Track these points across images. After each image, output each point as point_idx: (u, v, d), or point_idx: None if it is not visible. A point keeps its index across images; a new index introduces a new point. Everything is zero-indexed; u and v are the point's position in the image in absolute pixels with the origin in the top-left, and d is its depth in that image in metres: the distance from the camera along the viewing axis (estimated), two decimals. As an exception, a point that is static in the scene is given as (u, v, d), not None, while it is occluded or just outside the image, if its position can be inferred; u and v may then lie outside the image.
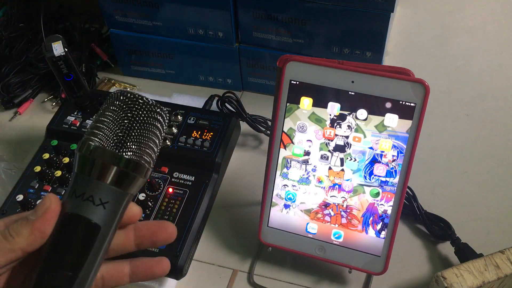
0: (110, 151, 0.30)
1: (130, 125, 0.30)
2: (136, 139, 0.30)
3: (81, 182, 0.30)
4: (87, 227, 0.29)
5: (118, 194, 0.30)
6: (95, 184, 0.30)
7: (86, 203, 0.29)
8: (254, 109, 0.75)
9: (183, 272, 0.59)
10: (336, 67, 0.52)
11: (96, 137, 0.30)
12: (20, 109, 0.83)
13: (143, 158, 0.31)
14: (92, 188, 0.30)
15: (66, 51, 0.64)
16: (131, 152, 0.30)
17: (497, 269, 0.54)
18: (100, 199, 0.30)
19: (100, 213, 0.30)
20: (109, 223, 0.30)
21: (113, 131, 0.30)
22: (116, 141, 0.30)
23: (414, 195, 0.65)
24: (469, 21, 0.94)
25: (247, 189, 0.70)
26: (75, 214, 0.29)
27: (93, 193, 0.30)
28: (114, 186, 0.30)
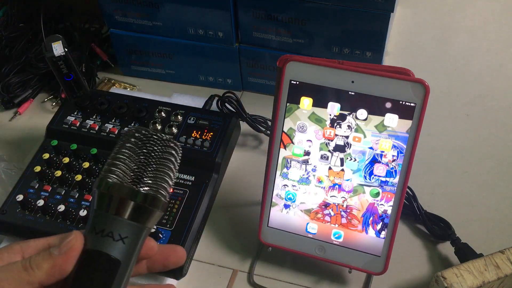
0: (127, 187, 0.31)
1: (146, 160, 0.31)
2: (152, 174, 0.31)
3: (100, 218, 0.31)
4: (107, 263, 0.30)
5: (136, 229, 0.31)
6: (114, 220, 0.31)
7: (106, 239, 0.30)
8: (254, 109, 0.75)
9: (183, 272, 0.59)
10: (336, 67, 0.52)
11: (113, 173, 0.31)
12: (20, 109, 0.83)
13: (159, 192, 0.32)
14: (111, 224, 0.30)
15: (66, 51, 0.64)
16: (147, 187, 0.31)
17: (497, 269, 0.54)
18: (119, 235, 0.30)
19: (120, 248, 0.30)
20: (129, 257, 0.31)
21: (130, 167, 0.31)
22: (133, 176, 0.31)
23: (414, 195, 0.65)
24: (469, 21, 0.94)
25: (247, 189, 0.70)
26: (96, 250, 0.30)
27: (113, 229, 0.30)
28: (132, 221, 0.31)
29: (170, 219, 0.60)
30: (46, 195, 0.63)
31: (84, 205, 0.62)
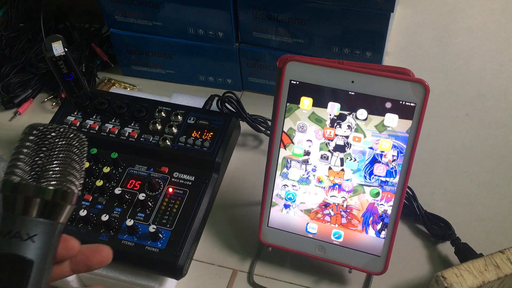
0: (30, 185, 0.30)
1: (46, 155, 0.30)
2: (56, 168, 0.30)
3: (6, 220, 0.30)
4: (19, 263, 0.29)
5: (45, 226, 0.30)
6: (20, 219, 0.30)
7: (14, 240, 0.29)
8: (254, 109, 0.75)
9: (183, 272, 0.59)
10: (336, 67, 0.52)
11: (15, 174, 0.30)
12: (20, 109, 0.83)
13: (65, 186, 0.31)
14: (18, 224, 0.29)
15: (66, 51, 0.64)
16: (53, 182, 0.30)
17: (497, 269, 0.54)
18: (27, 234, 0.29)
19: (30, 247, 0.29)
20: (43, 256, 0.30)
21: (31, 165, 0.30)
22: (35, 174, 0.30)
23: (414, 195, 0.65)
24: (469, 21, 0.94)
25: (247, 189, 0.70)
26: (5, 253, 0.29)
27: (20, 229, 0.29)
28: (40, 218, 0.30)
29: (170, 219, 0.60)
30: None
31: (84, 205, 0.62)
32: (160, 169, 0.65)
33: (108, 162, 0.65)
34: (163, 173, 0.65)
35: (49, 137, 0.31)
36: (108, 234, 0.59)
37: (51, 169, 0.30)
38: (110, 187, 0.63)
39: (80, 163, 0.32)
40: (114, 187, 0.63)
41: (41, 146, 0.31)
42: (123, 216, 0.61)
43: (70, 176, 0.31)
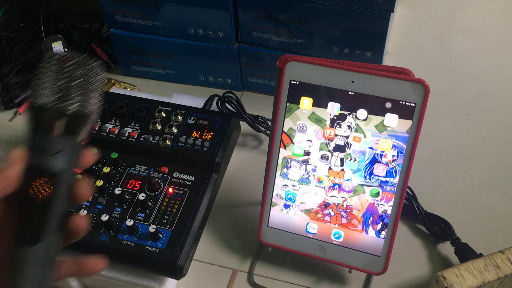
0: (54, 107, 0.34)
1: (67, 80, 0.34)
2: (77, 91, 0.34)
3: (35, 137, 0.34)
4: (47, 174, 0.33)
5: (69, 143, 0.34)
6: (47, 137, 0.34)
7: (44, 155, 0.33)
8: (254, 109, 0.75)
9: (183, 272, 0.59)
10: (336, 67, 0.52)
11: (40, 95, 0.34)
12: (20, 109, 0.83)
13: (85, 107, 0.35)
14: (46, 141, 0.34)
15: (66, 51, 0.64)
16: (73, 104, 0.34)
17: (497, 269, 0.54)
18: (55, 149, 0.33)
19: (57, 161, 0.33)
20: (66, 170, 0.34)
21: (54, 88, 0.34)
22: (58, 96, 0.34)
23: (414, 195, 0.65)
24: (469, 21, 0.94)
25: (247, 189, 0.70)
26: (36, 165, 0.33)
27: (49, 145, 0.33)
28: (64, 135, 0.34)
29: (170, 219, 0.60)
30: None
31: (84, 205, 0.62)
32: (160, 169, 0.65)
33: (108, 162, 0.65)
34: (163, 173, 0.65)
35: (68, 63, 0.34)
36: (108, 234, 0.59)
37: (72, 92, 0.34)
38: (110, 187, 0.63)
39: (97, 86, 0.36)
40: (114, 187, 0.63)
41: (61, 71, 0.34)
42: (123, 216, 0.61)
43: (88, 99, 0.35)
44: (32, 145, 0.34)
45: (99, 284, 0.61)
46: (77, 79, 0.34)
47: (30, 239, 0.33)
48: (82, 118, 0.34)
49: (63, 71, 0.34)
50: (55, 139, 0.34)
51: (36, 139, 0.34)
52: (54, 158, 0.34)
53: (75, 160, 0.35)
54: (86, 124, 0.35)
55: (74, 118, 0.34)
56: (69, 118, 0.34)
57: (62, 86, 0.34)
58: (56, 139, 0.34)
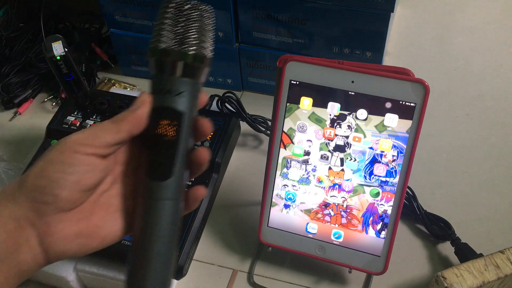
0: (176, 50, 0.36)
1: (186, 24, 0.36)
2: (194, 35, 0.36)
3: (159, 81, 0.36)
4: (173, 114, 0.36)
5: (190, 84, 0.36)
6: (171, 79, 0.36)
7: (168, 96, 0.36)
8: (254, 109, 0.75)
9: (183, 272, 0.59)
10: (336, 67, 0.52)
11: (161, 41, 0.36)
12: (20, 109, 0.83)
13: (202, 50, 0.37)
14: (169, 83, 0.36)
15: (66, 51, 0.64)
16: (193, 47, 0.36)
17: (497, 269, 0.54)
18: (178, 91, 0.36)
19: (181, 101, 0.36)
20: (189, 109, 0.36)
21: (174, 33, 0.36)
22: (178, 40, 0.36)
23: (414, 195, 0.65)
24: (469, 21, 0.94)
25: (247, 189, 0.70)
26: (162, 106, 0.36)
27: (172, 87, 0.36)
28: (186, 78, 0.36)
29: (170, 219, 0.60)
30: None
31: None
32: (160, 169, 0.65)
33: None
34: (163, 173, 0.64)
35: (185, 8, 0.36)
36: (108, 234, 0.59)
37: (190, 36, 0.36)
38: (110, 187, 0.63)
39: (212, 31, 0.38)
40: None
41: (179, 17, 0.36)
42: (123, 216, 0.61)
43: (205, 42, 0.37)
44: (157, 87, 0.36)
45: (99, 284, 0.61)
46: (194, 23, 0.36)
47: (161, 175, 0.36)
48: (201, 60, 0.37)
49: (181, 15, 0.36)
50: (178, 81, 0.36)
51: (160, 82, 0.36)
52: (178, 99, 0.36)
53: (196, 100, 0.37)
54: (205, 65, 0.37)
55: (194, 60, 0.36)
56: (189, 61, 0.36)
57: (181, 30, 0.36)
58: (178, 81, 0.36)
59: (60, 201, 0.34)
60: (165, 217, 0.36)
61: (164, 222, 0.36)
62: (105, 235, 0.37)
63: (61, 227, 0.35)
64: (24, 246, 0.34)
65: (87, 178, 0.35)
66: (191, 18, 0.36)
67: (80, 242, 0.36)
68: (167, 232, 0.36)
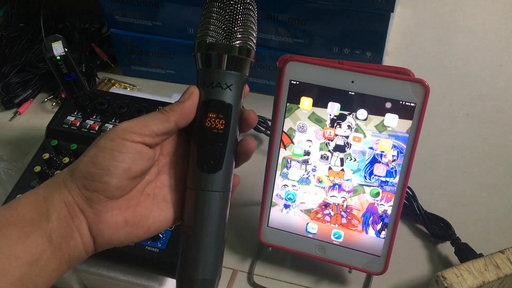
0: (222, 44, 0.37)
1: (231, 19, 0.37)
2: (239, 29, 0.37)
3: (207, 74, 0.37)
4: (223, 106, 0.37)
5: (237, 77, 0.38)
6: (218, 73, 0.37)
7: (216, 90, 0.37)
8: (254, 109, 0.74)
9: (183, 272, 0.58)
10: (336, 67, 0.52)
11: (208, 35, 0.37)
12: (20, 109, 0.83)
13: (248, 43, 0.38)
14: (217, 77, 0.37)
15: (66, 51, 0.64)
16: (238, 41, 0.37)
17: (497, 269, 0.54)
18: (226, 84, 0.37)
19: (229, 94, 0.37)
20: (236, 101, 0.38)
21: (220, 27, 0.37)
22: (224, 34, 0.37)
23: (414, 195, 0.65)
24: (469, 21, 0.94)
25: (247, 189, 0.70)
26: (211, 99, 0.37)
27: (220, 80, 0.37)
28: (233, 71, 0.37)
29: (170, 219, 0.60)
30: (46, 195, 0.63)
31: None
32: (160, 169, 0.65)
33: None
34: (163, 173, 0.64)
35: (231, 2, 0.37)
36: (108, 234, 0.59)
37: (236, 31, 0.37)
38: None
39: (256, 24, 0.39)
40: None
41: (225, 11, 0.37)
42: (123, 216, 0.61)
43: (250, 35, 0.38)
44: (205, 81, 0.37)
45: (99, 284, 0.61)
46: (240, 16, 0.37)
47: (212, 168, 0.37)
48: (247, 53, 0.38)
49: (227, 9, 0.37)
50: (226, 74, 0.37)
51: (207, 75, 0.37)
52: (226, 92, 0.37)
53: (241, 92, 0.39)
54: (248, 59, 0.38)
55: (240, 53, 0.37)
56: (236, 54, 0.37)
57: (227, 23, 0.37)
58: (226, 74, 0.37)
59: (110, 188, 0.35)
60: (215, 207, 0.38)
61: (214, 213, 0.38)
62: (151, 224, 0.38)
63: (110, 215, 0.36)
64: (75, 233, 0.35)
65: (135, 166, 0.36)
66: (236, 12, 0.37)
67: (127, 230, 0.37)
68: (217, 222, 0.38)
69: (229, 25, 0.37)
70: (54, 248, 0.34)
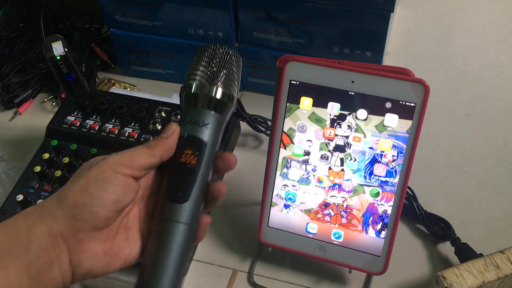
0: (207, 87, 0.40)
1: (216, 67, 0.40)
2: (223, 77, 0.40)
3: (188, 112, 0.40)
4: (197, 142, 0.39)
5: (215, 118, 0.40)
6: (198, 111, 0.40)
7: (194, 126, 0.40)
8: (254, 109, 0.75)
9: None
10: (336, 67, 0.52)
11: (195, 79, 0.40)
12: (20, 109, 0.83)
13: (229, 90, 0.41)
14: (196, 115, 0.40)
15: (66, 51, 0.64)
16: (222, 86, 0.40)
17: (497, 269, 0.54)
18: (203, 121, 0.40)
19: (205, 132, 0.39)
20: (212, 139, 0.40)
21: (206, 73, 0.40)
22: (209, 79, 0.40)
23: (414, 195, 0.65)
24: (469, 21, 0.94)
25: (247, 189, 0.70)
26: (188, 135, 0.40)
27: (198, 118, 0.40)
28: (212, 112, 0.40)
29: (170, 219, 0.60)
30: (46, 195, 0.63)
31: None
32: (160, 169, 0.65)
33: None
34: (163, 173, 0.64)
35: (220, 52, 0.41)
36: (108, 234, 0.59)
37: (220, 77, 0.40)
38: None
39: (239, 74, 0.42)
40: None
41: (212, 58, 0.41)
42: (123, 216, 0.61)
43: (232, 83, 0.41)
44: (185, 118, 0.40)
45: (99, 284, 0.61)
46: (225, 66, 0.41)
47: (179, 198, 0.38)
48: (227, 98, 0.40)
49: (215, 57, 0.41)
50: (205, 113, 0.40)
51: (188, 113, 0.40)
52: (203, 129, 0.39)
53: (219, 134, 0.41)
54: (229, 104, 0.41)
55: (221, 97, 0.40)
56: (217, 97, 0.40)
57: (212, 71, 0.40)
58: (205, 113, 0.40)
59: (98, 219, 0.36)
60: (177, 238, 0.37)
61: (176, 244, 0.37)
62: (127, 256, 0.38)
63: (92, 245, 0.36)
64: (55, 263, 0.35)
65: (124, 198, 0.37)
66: (223, 60, 0.41)
67: (106, 261, 0.37)
68: (177, 254, 0.37)
69: (215, 70, 0.40)
70: (32, 279, 0.34)
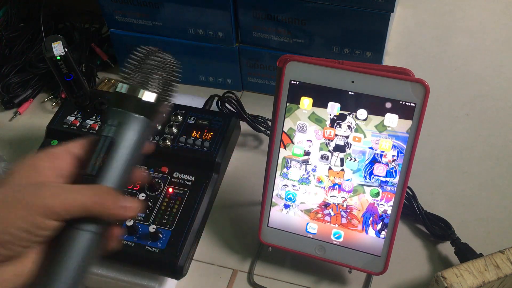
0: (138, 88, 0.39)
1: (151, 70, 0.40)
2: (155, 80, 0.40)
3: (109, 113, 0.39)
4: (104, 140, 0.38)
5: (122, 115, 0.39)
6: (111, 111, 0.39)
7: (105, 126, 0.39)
8: (254, 109, 0.75)
9: (183, 272, 0.59)
10: (336, 67, 0.52)
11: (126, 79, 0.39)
12: (20, 109, 0.83)
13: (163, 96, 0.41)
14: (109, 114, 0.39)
15: (66, 51, 0.64)
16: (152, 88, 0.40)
17: (497, 269, 0.54)
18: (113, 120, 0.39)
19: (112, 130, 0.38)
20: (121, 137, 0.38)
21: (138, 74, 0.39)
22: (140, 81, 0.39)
23: (414, 195, 0.65)
24: (469, 21, 0.94)
25: (247, 189, 0.70)
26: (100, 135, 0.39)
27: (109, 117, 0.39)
28: (136, 114, 0.39)
29: (170, 219, 0.60)
30: (46, 195, 0.63)
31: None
32: (160, 169, 0.65)
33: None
34: (163, 173, 0.65)
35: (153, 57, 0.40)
36: (108, 234, 0.59)
37: (152, 79, 0.40)
38: (110, 187, 0.63)
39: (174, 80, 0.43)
40: (114, 187, 0.63)
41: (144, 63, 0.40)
42: (123, 216, 0.61)
43: (165, 88, 0.41)
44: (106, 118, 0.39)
45: (99, 284, 0.61)
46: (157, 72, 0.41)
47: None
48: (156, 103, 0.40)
49: (145, 62, 0.40)
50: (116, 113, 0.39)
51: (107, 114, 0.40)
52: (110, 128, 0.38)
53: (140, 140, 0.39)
54: (158, 109, 0.40)
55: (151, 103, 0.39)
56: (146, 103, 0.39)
57: (144, 74, 0.40)
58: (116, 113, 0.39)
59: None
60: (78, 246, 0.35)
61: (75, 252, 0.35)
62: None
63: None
64: None
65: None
66: (156, 68, 0.40)
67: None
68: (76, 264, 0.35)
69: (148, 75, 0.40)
70: None
